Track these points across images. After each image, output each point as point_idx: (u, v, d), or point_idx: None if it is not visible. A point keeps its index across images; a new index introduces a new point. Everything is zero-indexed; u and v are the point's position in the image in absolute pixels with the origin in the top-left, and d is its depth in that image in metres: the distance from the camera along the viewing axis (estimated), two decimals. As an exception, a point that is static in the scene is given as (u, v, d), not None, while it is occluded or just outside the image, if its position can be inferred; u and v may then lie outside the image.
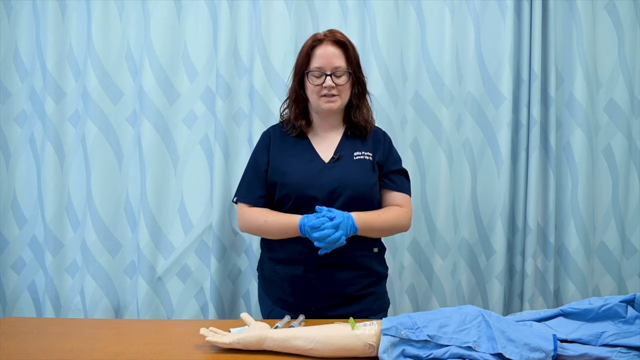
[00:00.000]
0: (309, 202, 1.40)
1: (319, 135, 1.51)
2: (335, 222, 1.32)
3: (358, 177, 1.44)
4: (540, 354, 1.04)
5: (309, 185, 1.41)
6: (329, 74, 1.40)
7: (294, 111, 1.50)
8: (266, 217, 1.44)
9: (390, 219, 1.45)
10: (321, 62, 1.41)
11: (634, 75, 1.99)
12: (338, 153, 1.47)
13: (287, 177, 1.43)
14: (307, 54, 1.43)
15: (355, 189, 1.42)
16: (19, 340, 1.21)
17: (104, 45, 1.91)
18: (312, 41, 1.44)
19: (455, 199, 2.01)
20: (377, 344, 1.10)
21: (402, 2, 1.97)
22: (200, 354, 1.14)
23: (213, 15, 1.94)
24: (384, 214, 1.45)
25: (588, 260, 1.99)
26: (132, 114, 1.96)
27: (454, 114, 1.98)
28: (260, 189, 1.48)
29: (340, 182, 1.41)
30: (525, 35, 1.96)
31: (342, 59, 1.42)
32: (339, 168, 1.45)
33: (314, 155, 1.47)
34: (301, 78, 1.46)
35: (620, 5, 1.98)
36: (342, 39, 1.43)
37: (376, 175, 1.48)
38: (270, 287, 1.53)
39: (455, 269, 2.03)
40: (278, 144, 1.50)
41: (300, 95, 1.48)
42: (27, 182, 1.99)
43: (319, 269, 1.41)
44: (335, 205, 1.40)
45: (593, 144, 1.99)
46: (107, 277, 1.95)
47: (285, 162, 1.46)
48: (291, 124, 1.50)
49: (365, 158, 1.47)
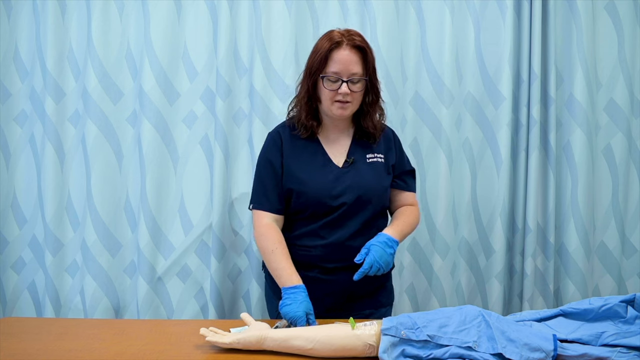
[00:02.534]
0: (326, 210, 1.41)
1: (330, 137, 1.48)
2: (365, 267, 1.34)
3: (373, 181, 1.44)
4: (540, 354, 1.04)
5: (326, 194, 1.41)
6: (345, 80, 1.36)
7: (305, 111, 1.44)
8: (274, 248, 1.40)
9: (414, 222, 1.52)
10: (338, 68, 1.36)
11: (634, 75, 1.99)
12: (351, 157, 1.46)
13: (304, 186, 1.42)
14: (324, 57, 1.36)
15: (371, 193, 1.43)
16: (19, 340, 1.21)
17: (104, 45, 1.91)
18: (329, 43, 1.36)
19: (455, 198, 2.01)
20: (377, 344, 1.10)
21: (402, 2, 1.97)
22: (200, 354, 1.15)
23: (213, 15, 1.94)
24: (407, 219, 1.49)
25: (588, 260, 1.99)
26: (132, 114, 1.96)
27: (453, 114, 1.98)
28: (278, 196, 1.45)
29: (356, 188, 1.42)
30: (525, 35, 1.96)
31: (359, 65, 1.37)
32: (353, 173, 1.44)
33: (327, 159, 1.45)
34: (316, 80, 1.40)
35: (620, 5, 1.98)
36: (361, 44, 1.38)
37: (390, 178, 1.49)
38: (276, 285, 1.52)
39: (455, 268, 2.03)
40: (290, 146, 1.46)
41: (312, 96, 1.42)
42: (27, 182, 1.99)
43: (333, 271, 1.42)
44: (353, 213, 1.41)
45: (593, 144, 1.99)
46: (107, 277, 1.94)
47: (300, 168, 1.44)
48: (302, 124, 1.45)
49: (377, 160, 1.47)
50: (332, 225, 1.42)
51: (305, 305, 1.28)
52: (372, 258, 1.33)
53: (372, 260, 1.33)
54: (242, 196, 1.94)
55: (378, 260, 1.33)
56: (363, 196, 1.42)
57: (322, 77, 1.38)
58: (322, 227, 1.42)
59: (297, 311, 1.26)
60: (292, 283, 1.33)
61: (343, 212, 1.41)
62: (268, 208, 1.45)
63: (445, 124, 1.96)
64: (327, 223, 1.42)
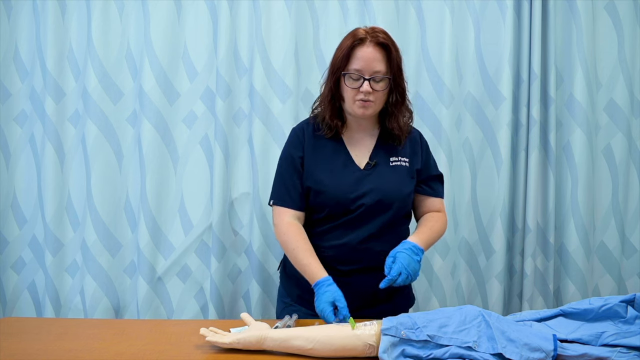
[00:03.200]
0: (343, 211, 1.39)
1: (354, 137, 1.45)
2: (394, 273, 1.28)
3: (394, 186, 1.40)
4: (540, 354, 1.04)
5: (344, 196, 1.38)
6: (367, 79, 1.32)
7: (329, 110, 1.41)
8: (296, 245, 1.37)
9: (440, 229, 1.46)
10: (361, 65, 1.32)
11: (634, 75, 1.99)
12: (374, 159, 1.42)
13: (322, 185, 1.39)
14: (347, 54, 1.33)
15: (391, 198, 1.39)
16: (19, 340, 1.21)
17: (104, 45, 1.91)
18: (352, 40, 1.33)
19: (455, 198, 2.01)
20: (377, 344, 1.10)
21: (402, 2, 1.97)
22: (200, 354, 1.15)
23: (213, 15, 1.94)
24: (434, 226, 1.44)
25: (588, 260, 1.99)
26: (132, 114, 1.96)
27: (453, 114, 1.98)
28: (300, 193, 1.42)
29: (377, 192, 1.38)
30: (525, 35, 1.96)
31: (383, 63, 1.33)
32: (375, 175, 1.40)
33: (349, 160, 1.42)
34: (337, 77, 1.37)
35: (620, 5, 1.98)
36: (385, 41, 1.33)
37: (413, 183, 1.45)
38: (290, 284, 1.51)
39: (455, 268, 2.03)
40: (312, 144, 1.43)
41: (336, 94, 1.39)
42: (27, 182, 1.99)
43: (348, 274, 1.39)
44: (371, 216, 1.38)
45: (593, 144, 1.99)
46: (107, 277, 1.94)
47: (320, 167, 1.41)
48: (326, 123, 1.42)
49: (401, 164, 1.43)
50: (347, 227, 1.39)
51: (326, 296, 1.26)
52: (400, 265, 1.28)
53: (400, 268, 1.28)
54: (242, 196, 1.94)
55: (406, 268, 1.28)
56: (383, 200, 1.38)
57: (344, 75, 1.34)
58: (337, 227, 1.40)
59: (318, 307, 1.26)
60: (317, 279, 1.31)
61: (360, 214, 1.38)
62: (289, 205, 1.42)
63: (445, 124, 1.96)
64: (342, 224, 1.39)
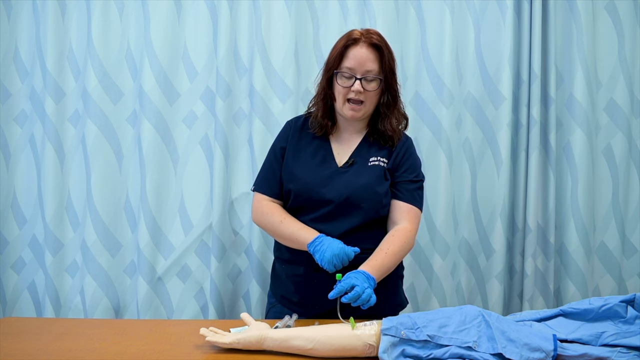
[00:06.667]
0: (313, 206, 1.39)
1: (341, 136, 1.47)
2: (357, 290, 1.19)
3: (365, 184, 1.39)
4: (540, 354, 1.04)
5: (314, 192, 1.39)
6: (359, 78, 1.34)
7: (321, 109, 1.43)
8: (283, 218, 1.40)
9: (398, 251, 1.36)
10: (353, 64, 1.34)
11: (634, 75, 1.99)
12: (353, 158, 1.43)
13: (294, 178, 1.41)
14: (339, 53, 1.36)
15: (360, 196, 1.38)
16: (19, 340, 1.21)
17: (104, 45, 1.91)
18: (346, 39, 1.36)
19: (455, 198, 2.01)
20: (377, 344, 1.10)
21: (402, 2, 1.97)
22: (200, 354, 1.15)
23: (213, 15, 1.94)
24: (389, 249, 1.34)
25: (588, 260, 1.99)
26: (132, 114, 1.96)
27: (453, 114, 1.98)
28: (278, 183, 1.46)
29: (346, 190, 1.38)
30: (525, 35, 1.96)
31: (375, 63, 1.35)
32: (350, 174, 1.40)
33: (329, 157, 1.44)
34: (330, 76, 1.39)
35: (620, 5, 1.98)
36: (379, 43, 1.35)
37: (388, 183, 1.42)
38: (275, 284, 1.53)
39: (455, 268, 2.03)
40: (297, 137, 1.47)
41: (327, 93, 1.41)
42: (27, 182, 1.99)
43: (320, 269, 1.37)
44: (341, 213, 1.37)
45: (593, 144, 1.99)
46: (107, 277, 1.94)
47: (298, 161, 1.44)
48: (317, 122, 1.45)
49: (379, 164, 1.42)
50: (318, 222, 1.39)
51: (332, 248, 1.27)
52: (354, 279, 1.21)
53: (354, 281, 1.20)
54: (242, 196, 1.94)
55: (360, 285, 1.19)
56: (351, 198, 1.37)
57: (336, 73, 1.36)
58: (308, 222, 1.39)
59: (323, 260, 1.28)
60: (311, 238, 1.33)
61: (331, 211, 1.38)
62: (267, 192, 1.47)
63: (445, 124, 1.96)
64: (314, 219, 1.39)
